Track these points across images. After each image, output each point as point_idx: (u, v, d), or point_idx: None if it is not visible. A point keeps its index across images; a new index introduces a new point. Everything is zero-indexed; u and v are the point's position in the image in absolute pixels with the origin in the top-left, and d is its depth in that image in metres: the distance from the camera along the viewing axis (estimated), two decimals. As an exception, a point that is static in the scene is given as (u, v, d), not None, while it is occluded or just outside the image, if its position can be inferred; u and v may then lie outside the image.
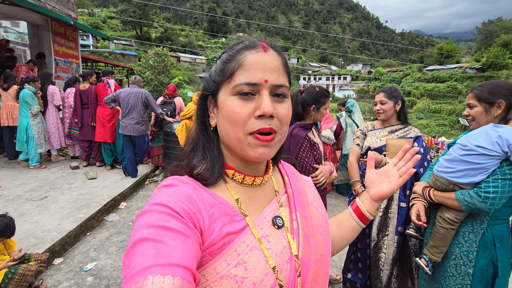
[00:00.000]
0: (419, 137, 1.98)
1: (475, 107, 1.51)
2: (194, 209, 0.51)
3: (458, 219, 1.47)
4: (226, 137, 0.58)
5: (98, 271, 2.61)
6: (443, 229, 1.50)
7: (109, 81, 5.25)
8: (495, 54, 39.05)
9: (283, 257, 0.56)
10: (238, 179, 0.62)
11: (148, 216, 0.47)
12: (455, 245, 1.51)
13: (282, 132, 0.58)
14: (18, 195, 3.79)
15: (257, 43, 0.58)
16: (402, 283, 1.96)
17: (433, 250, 1.55)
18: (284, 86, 0.57)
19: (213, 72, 0.61)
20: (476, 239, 1.43)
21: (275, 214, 0.62)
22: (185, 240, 0.45)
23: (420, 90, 41.37)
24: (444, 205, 1.52)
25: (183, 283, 0.41)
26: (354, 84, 54.35)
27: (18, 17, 6.96)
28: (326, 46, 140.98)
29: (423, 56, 63.01)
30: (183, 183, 0.55)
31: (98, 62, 16.35)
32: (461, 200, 1.40)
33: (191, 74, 44.16)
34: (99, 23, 55.85)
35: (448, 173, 1.48)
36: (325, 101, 1.92)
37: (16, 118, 4.99)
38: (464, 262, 1.46)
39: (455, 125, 31.19)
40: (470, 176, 1.40)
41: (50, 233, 2.92)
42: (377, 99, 2.07)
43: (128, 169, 4.83)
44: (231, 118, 0.55)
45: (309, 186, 0.78)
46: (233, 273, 0.50)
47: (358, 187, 2.10)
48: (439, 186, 1.53)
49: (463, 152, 1.43)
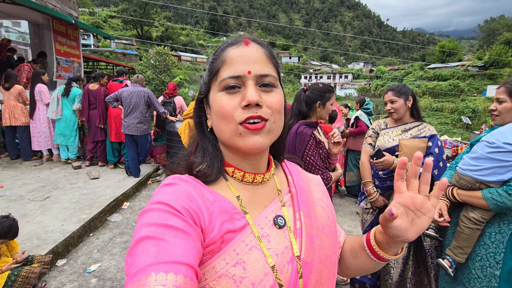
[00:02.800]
0: (433, 136, 1.92)
1: (504, 102, 1.47)
2: (195, 207, 0.51)
3: (484, 218, 1.44)
4: (220, 134, 0.58)
5: (102, 273, 2.58)
6: (468, 229, 1.47)
7: (127, 82, 5.25)
8: (498, 52, 38.86)
9: (284, 258, 0.55)
10: (238, 177, 0.62)
11: (150, 215, 0.47)
12: (480, 246, 1.47)
13: (275, 120, 0.57)
14: (20, 196, 3.76)
15: (239, 39, 0.59)
16: (419, 280, 1.94)
17: (457, 251, 1.51)
18: (270, 75, 0.57)
19: (204, 75, 0.63)
20: (504, 240, 1.39)
21: (276, 214, 0.61)
22: (186, 238, 0.45)
23: (422, 88, 41.21)
24: (469, 205, 1.48)
25: (186, 280, 0.41)
26: (355, 83, 54.23)
27: (19, 16, 6.94)
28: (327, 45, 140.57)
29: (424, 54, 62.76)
30: (184, 181, 0.55)
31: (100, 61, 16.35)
32: (489, 198, 1.37)
33: (192, 73, 44.17)
34: (100, 23, 55.83)
35: (474, 171, 1.44)
36: (330, 96, 1.88)
37: (18, 118, 4.96)
38: (491, 264, 1.42)
39: (457, 123, 31.05)
40: (498, 174, 1.37)
41: (53, 234, 2.89)
42: (386, 99, 2.02)
43: (131, 168, 4.80)
44: (220, 113, 0.55)
45: (316, 184, 0.75)
46: (231, 272, 0.50)
47: (370, 187, 2.06)
48: (463, 185, 1.50)
49: (490, 150, 1.39)
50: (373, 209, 2.12)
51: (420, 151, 1.91)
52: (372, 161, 1.95)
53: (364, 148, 2.16)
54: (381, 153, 1.88)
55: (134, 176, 4.83)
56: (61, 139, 5.14)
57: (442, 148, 1.91)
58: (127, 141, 4.69)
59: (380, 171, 2.04)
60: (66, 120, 5.11)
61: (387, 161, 1.86)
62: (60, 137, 5.14)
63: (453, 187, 1.56)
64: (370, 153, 2.06)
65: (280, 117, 0.58)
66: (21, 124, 5.00)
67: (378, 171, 2.05)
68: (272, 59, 0.60)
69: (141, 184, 4.81)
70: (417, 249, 1.92)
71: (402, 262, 1.89)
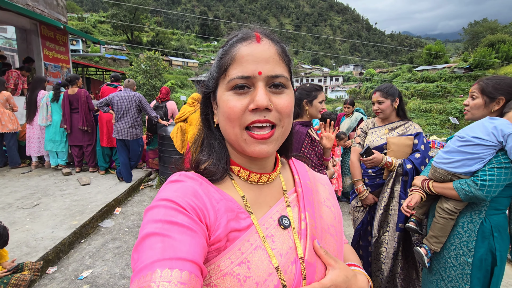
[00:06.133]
0: (419, 134, 1.99)
1: (477, 99, 1.55)
2: (201, 204, 0.51)
3: (457, 209, 1.51)
4: (225, 133, 0.58)
5: (94, 279, 2.54)
6: (442, 219, 1.54)
7: (121, 87, 5.22)
8: (482, 54, 40.01)
9: (289, 258, 0.55)
10: (243, 176, 0.61)
11: (156, 211, 0.48)
12: (454, 236, 1.55)
13: (284, 125, 0.56)
14: (8, 203, 3.68)
15: (250, 33, 0.56)
16: (408, 275, 1.99)
17: (433, 240, 1.59)
18: (282, 76, 0.54)
19: (212, 69, 0.61)
20: (475, 229, 1.48)
21: (281, 214, 0.60)
22: (192, 235, 0.45)
23: (411, 90, 42.05)
24: (443, 196, 1.56)
25: (191, 276, 0.41)
26: (346, 86, 54.92)
27: (5, 21, 6.82)
28: (317, 48, 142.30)
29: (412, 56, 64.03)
30: (190, 178, 0.55)
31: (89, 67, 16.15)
32: (459, 189, 1.45)
33: (184, 78, 43.98)
34: (89, 28, 55.16)
35: (446, 163, 1.53)
36: (316, 94, 1.93)
37: (5, 125, 4.87)
38: (464, 252, 1.50)
39: (445, 124, 31.76)
40: (467, 166, 1.46)
41: (43, 241, 2.83)
42: (374, 99, 2.08)
43: (123, 174, 4.75)
44: (226, 113, 0.54)
45: (323, 184, 0.74)
46: (236, 271, 0.50)
47: (360, 186, 2.10)
48: (438, 177, 1.58)
49: (460, 143, 1.48)
50: (363, 207, 2.17)
51: (407, 148, 1.98)
52: (362, 159, 2.00)
53: (354, 148, 2.21)
54: (371, 151, 1.93)
55: (126, 181, 4.78)
56: (51, 145, 5.07)
57: (427, 145, 1.97)
58: (119, 146, 4.64)
59: (369, 169, 2.09)
60: (56, 125, 5.04)
61: (376, 158, 1.91)
62: (50, 143, 5.07)
63: (429, 180, 1.64)
64: (360, 152, 2.11)
65: (289, 120, 0.57)
66: (8, 130, 4.90)
67: (368, 169, 2.10)
68: (284, 57, 0.57)
69: (133, 189, 4.76)
70: (406, 244, 1.97)
71: (392, 258, 1.93)
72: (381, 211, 1.96)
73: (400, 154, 1.96)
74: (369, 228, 2.12)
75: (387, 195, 1.96)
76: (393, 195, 1.95)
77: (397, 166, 1.91)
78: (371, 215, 2.12)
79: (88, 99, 5.02)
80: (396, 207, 1.92)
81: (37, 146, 5.19)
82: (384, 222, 1.98)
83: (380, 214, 1.97)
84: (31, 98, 5.04)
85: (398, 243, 1.92)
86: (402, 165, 1.91)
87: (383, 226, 1.99)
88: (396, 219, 1.92)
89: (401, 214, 1.90)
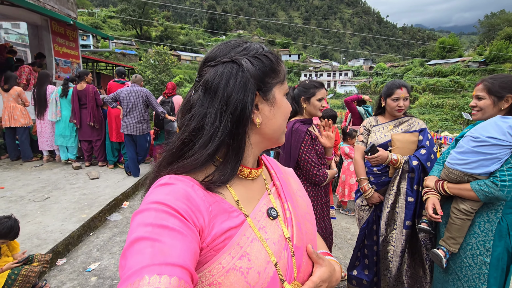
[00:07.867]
0: (424, 130, 1.95)
1: (483, 99, 1.53)
2: (193, 207, 0.51)
3: (473, 209, 1.50)
4: (274, 129, 0.63)
5: (101, 271, 2.60)
6: (459, 220, 1.53)
7: (128, 83, 5.27)
8: (498, 47, 38.69)
9: (280, 245, 0.60)
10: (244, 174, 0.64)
11: (146, 215, 0.46)
12: (471, 236, 1.53)
13: None
14: (21, 196, 3.79)
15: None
16: (415, 272, 1.97)
17: (450, 241, 1.57)
18: None
19: (259, 71, 0.58)
20: (492, 228, 1.46)
21: (268, 206, 0.64)
22: (183, 239, 0.45)
23: (422, 85, 41.09)
24: (459, 197, 1.54)
25: (180, 282, 0.40)
26: (355, 80, 54.11)
27: (17, 17, 6.95)
28: (327, 42, 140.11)
29: (425, 50, 62.40)
30: (181, 181, 0.54)
31: (99, 62, 16.35)
32: (478, 190, 1.43)
33: (192, 72, 44.11)
34: (99, 23, 55.78)
35: (461, 165, 1.51)
36: (314, 91, 1.89)
37: (17, 119, 4.99)
38: (481, 252, 1.49)
39: (457, 119, 30.97)
40: (484, 167, 1.44)
41: (53, 233, 2.92)
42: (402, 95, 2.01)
43: (130, 168, 4.83)
44: (287, 114, 0.66)
45: (292, 176, 0.81)
46: (238, 265, 0.52)
47: (365, 184, 2.07)
48: (453, 179, 1.56)
49: (475, 144, 1.46)
50: (369, 206, 2.14)
51: (412, 145, 1.94)
52: (366, 157, 1.96)
53: (357, 146, 2.17)
54: (375, 148, 1.89)
55: (134, 176, 4.85)
56: (61, 140, 5.18)
57: (432, 141, 1.93)
58: (126, 141, 4.71)
59: (374, 167, 2.05)
60: (66, 120, 5.14)
61: (381, 156, 1.87)
62: (60, 138, 5.17)
63: (443, 182, 1.61)
64: (364, 150, 2.07)
65: None
66: (20, 125, 5.03)
67: (373, 167, 2.06)
68: None
69: (141, 183, 4.83)
70: (413, 241, 1.94)
71: (400, 255, 1.91)
72: (388, 209, 1.93)
73: (405, 151, 1.92)
74: (374, 227, 2.09)
75: (393, 193, 1.92)
76: (399, 193, 1.91)
77: (403, 163, 1.87)
78: (377, 214, 2.09)
79: (96, 95, 5.09)
80: (403, 205, 1.89)
81: (50, 141, 5.31)
82: (391, 220, 1.95)
83: (387, 212, 1.94)
84: (40, 94, 5.13)
85: (405, 241, 1.89)
86: (407, 162, 1.87)
87: (390, 225, 1.96)
88: (404, 216, 1.89)
89: (408, 212, 1.86)
